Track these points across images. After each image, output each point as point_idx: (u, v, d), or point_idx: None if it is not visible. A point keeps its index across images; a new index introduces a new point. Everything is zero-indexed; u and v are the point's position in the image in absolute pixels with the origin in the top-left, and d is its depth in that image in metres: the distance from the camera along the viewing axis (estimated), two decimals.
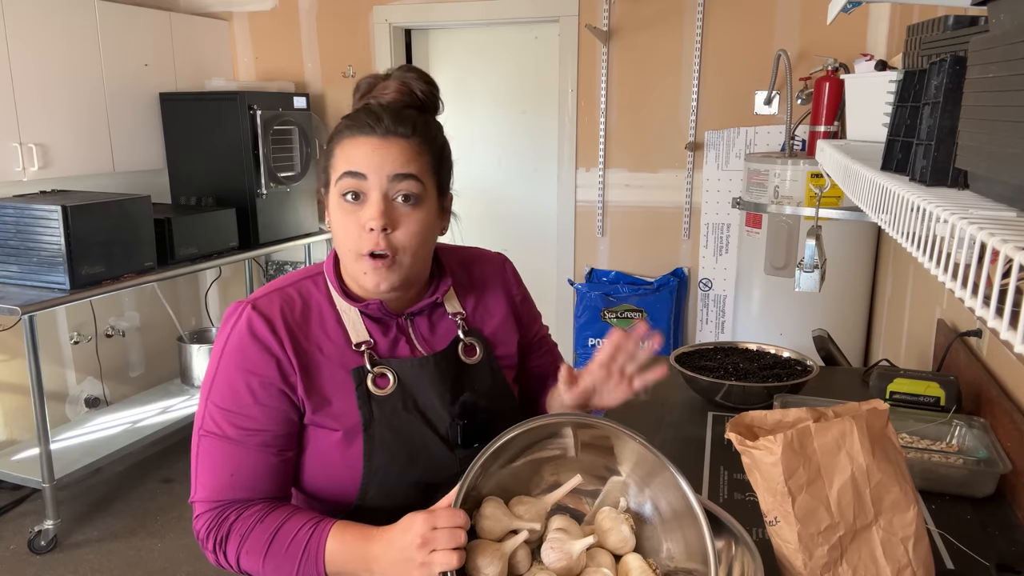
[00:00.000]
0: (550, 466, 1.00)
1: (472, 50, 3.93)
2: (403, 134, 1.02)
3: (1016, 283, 0.48)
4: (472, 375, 1.13)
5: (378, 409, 1.04)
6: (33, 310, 2.75)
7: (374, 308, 1.07)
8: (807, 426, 0.92)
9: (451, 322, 1.14)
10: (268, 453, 1.02)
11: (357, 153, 1.01)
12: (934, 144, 0.79)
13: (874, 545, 0.91)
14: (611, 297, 3.51)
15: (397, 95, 1.08)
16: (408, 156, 1.02)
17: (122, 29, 3.52)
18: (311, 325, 1.05)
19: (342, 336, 1.06)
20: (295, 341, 1.03)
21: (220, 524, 1.01)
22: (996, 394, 1.41)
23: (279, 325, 1.03)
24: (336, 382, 1.04)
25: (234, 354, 1.02)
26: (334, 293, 1.09)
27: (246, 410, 1.01)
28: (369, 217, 0.99)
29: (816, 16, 3.19)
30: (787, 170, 2.71)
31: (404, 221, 1.02)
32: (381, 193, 1.00)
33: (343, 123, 1.05)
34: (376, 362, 1.06)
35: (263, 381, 1.01)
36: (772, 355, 1.81)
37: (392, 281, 1.03)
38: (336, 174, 1.03)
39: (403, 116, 1.03)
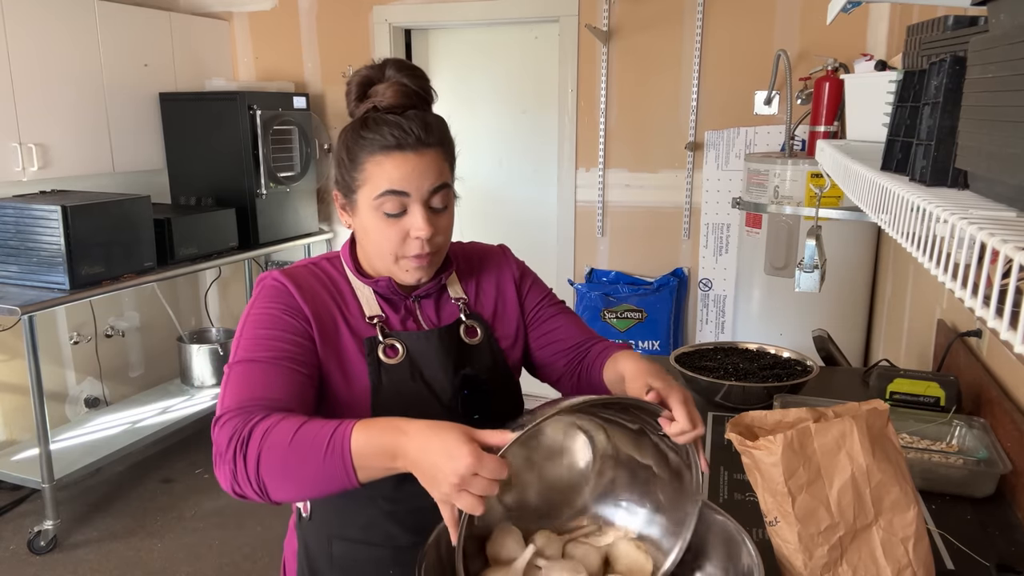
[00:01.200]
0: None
1: (472, 50, 3.93)
2: (432, 144, 1.09)
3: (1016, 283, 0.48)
4: (473, 354, 1.19)
5: (387, 377, 1.11)
6: (33, 310, 2.75)
7: (383, 285, 1.15)
8: (807, 426, 0.92)
9: (454, 306, 1.22)
10: (297, 372, 1.06)
11: (397, 172, 1.06)
12: (934, 144, 0.79)
13: (874, 545, 0.91)
14: (611, 297, 3.51)
15: (398, 97, 1.10)
16: (439, 166, 1.10)
17: (122, 29, 3.52)
18: (330, 294, 1.14)
19: (358, 309, 1.15)
20: (316, 303, 1.11)
21: (244, 425, 0.97)
22: (996, 394, 1.41)
23: (304, 286, 1.12)
24: (350, 348, 1.12)
25: (264, 298, 1.11)
26: (349, 272, 1.17)
27: (276, 334, 1.07)
28: (417, 228, 1.08)
29: (816, 16, 3.19)
30: (787, 170, 2.71)
31: (440, 225, 1.11)
32: (422, 205, 1.08)
33: (367, 136, 1.07)
34: (387, 334, 1.13)
35: (291, 312, 1.09)
36: (772, 355, 1.81)
37: (429, 274, 1.15)
38: (373, 190, 1.07)
39: (428, 125, 1.09)
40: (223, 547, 2.89)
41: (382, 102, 1.10)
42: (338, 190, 1.15)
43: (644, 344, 3.52)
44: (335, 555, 1.18)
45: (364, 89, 1.12)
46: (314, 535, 1.20)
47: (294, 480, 0.93)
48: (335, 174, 1.15)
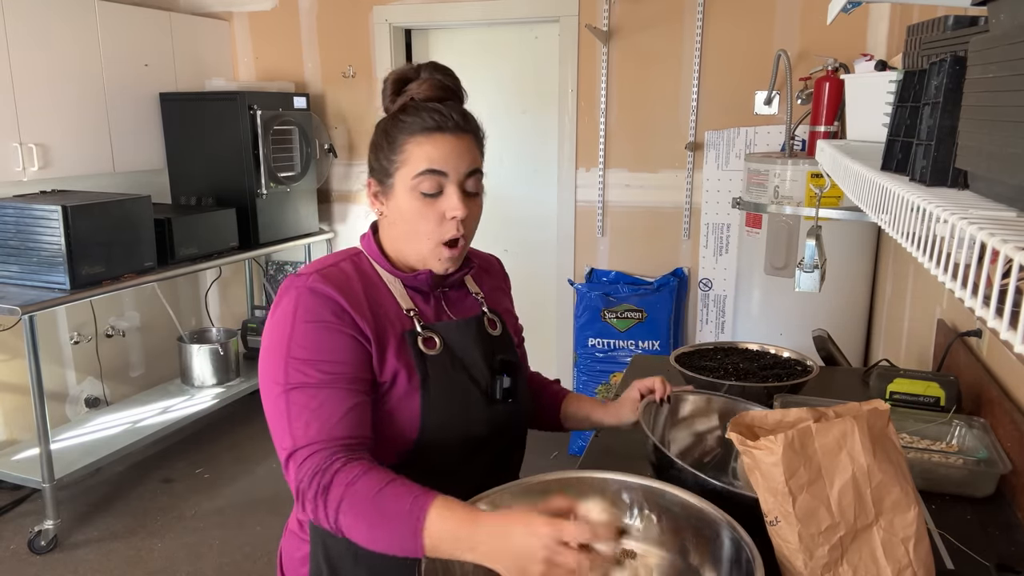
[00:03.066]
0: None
1: (472, 50, 3.93)
2: (469, 130, 1.14)
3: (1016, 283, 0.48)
4: (496, 344, 1.23)
5: (431, 368, 1.13)
6: (33, 310, 2.75)
7: (423, 279, 1.17)
8: (808, 426, 0.92)
9: (474, 300, 1.26)
10: (357, 393, 1.06)
11: (437, 152, 1.10)
12: (934, 144, 0.79)
13: (875, 545, 0.91)
14: (611, 297, 3.51)
15: (435, 91, 1.15)
16: (474, 152, 1.15)
17: (122, 29, 3.52)
18: (369, 291, 1.14)
19: (393, 303, 1.15)
20: (361, 304, 1.10)
21: (327, 469, 1.00)
22: (996, 394, 1.41)
23: (345, 289, 1.10)
24: (395, 342, 1.12)
25: (309, 310, 1.07)
26: (379, 267, 1.18)
27: (331, 355, 1.06)
28: (452, 208, 1.10)
29: (816, 16, 3.19)
30: (787, 170, 2.71)
31: (472, 209, 1.14)
32: (458, 187, 1.11)
33: (407, 119, 1.11)
34: (424, 325, 1.15)
35: (341, 329, 1.07)
36: (772, 355, 1.81)
37: (457, 264, 1.17)
38: (412, 170, 1.10)
39: (465, 113, 1.14)
40: (223, 547, 2.89)
41: (419, 94, 1.14)
42: (373, 177, 1.17)
43: (644, 344, 3.52)
44: (360, 552, 1.12)
45: (400, 86, 1.16)
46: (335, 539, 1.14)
47: (367, 536, 0.97)
48: (371, 162, 1.18)
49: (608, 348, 3.55)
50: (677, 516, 1.02)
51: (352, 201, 4.19)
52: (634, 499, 1.05)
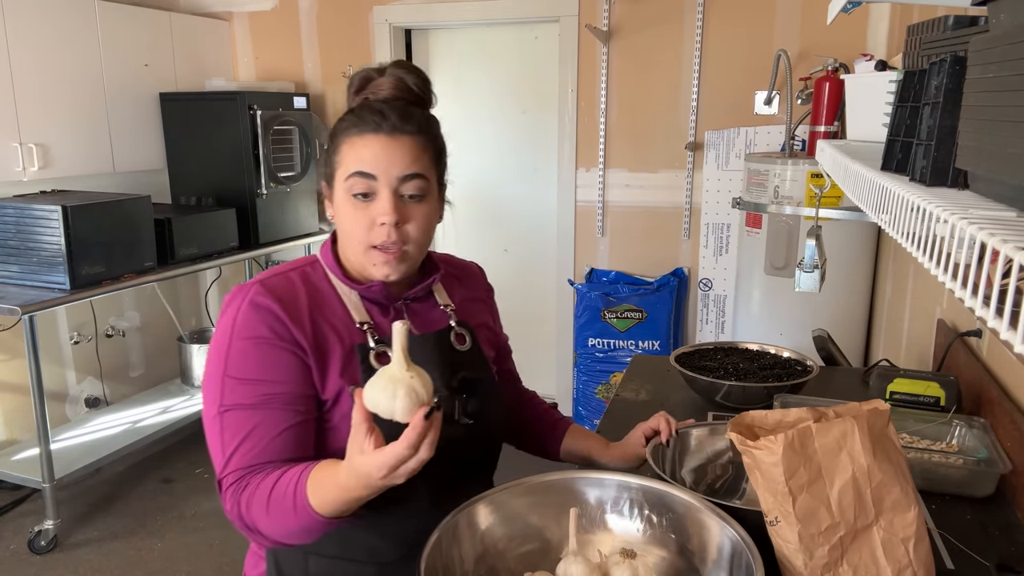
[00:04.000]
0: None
1: (472, 50, 3.93)
2: (410, 131, 1.06)
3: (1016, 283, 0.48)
4: (464, 361, 1.17)
5: None
6: (33, 310, 2.75)
7: (376, 290, 1.11)
8: (808, 426, 0.92)
9: (442, 312, 1.20)
10: (295, 413, 1.03)
11: (366, 152, 1.05)
12: (934, 144, 0.79)
13: (875, 545, 0.91)
14: (611, 297, 3.51)
15: (393, 91, 1.10)
16: (414, 154, 1.06)
17: (122, 29, 3.52)
18: (316, 303, 1.09)
19: (346, 315, 1.10)
20: (303, 316, 1.06)
21: (243, 490, 1.01)
22: (996, 394, 1.41)
23: (287, 300, 1.06)
24: (343, 357, 1.07)
25: (246, 326, 1.04)
26: (333, 277, 1.12)
27: (267, 374, 1.02)
28: (381, 212, 1.05)
29: (816, 16, 3.19)
30: (787, 170, 2.71)
31: (412, 215, 1.07)
32: (391, 191, 1.05)
33: (348, 119, 1.08)
34: (377, 339, 1.09)
35: (279, 344, 1.03)
36: (772, 355, 1.81)
37: (401, 271, 1.09)
38: (345, 172, 1.06)
39: (408, 114, 1.07)
40: (223, 547, 2.89)
41: (377, 94, 1.10)
42: (323, 180, 1.14)
43: (644, 344, 3.52)
44: (311, 570, 1.12)
45: (365, 84, 1.13)
46: (287, 552, 1.12)
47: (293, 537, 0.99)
48: (322, 165, 1.14)
49: (608, 348, 3.56)
50: (677, 516, 1.02)
51: None
52: (634, 499, 1.05)
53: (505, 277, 4.11)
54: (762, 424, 1.01)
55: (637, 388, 1.84)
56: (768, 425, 1.01)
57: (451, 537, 0.95)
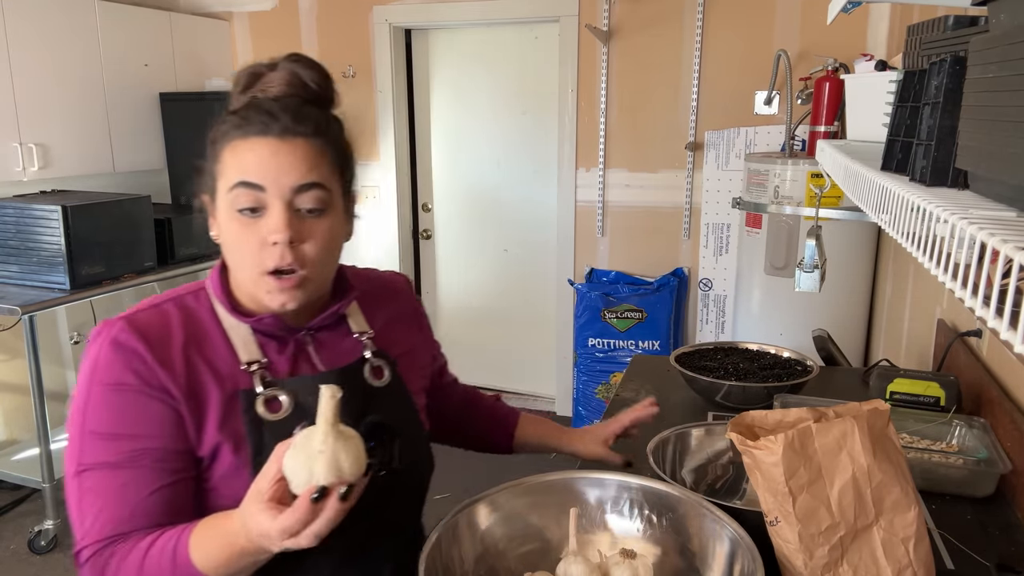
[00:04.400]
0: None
1: (472, 50, 3.93)
2: (304, 134, 0.91)
3: (1016, 283, 0.48)
4: (379, 399, 1.01)
5: (270, 436, 0.91)
6: (33, 310, 2.75)
7: (269, 323, 0.95)
8: (808, 426, 0.92)
9: (356, 341, 1.04)
10: (166, 472, 0.89)
11: (251, 159, 0.89)
12: (934, 144, 0.79)
13: (875, 545, 0.91)
14: (611, 297, 3.51)
15: (286, 87, 0.95)
16: (311, 161, 0.91)
17: (122, 29, 3.52)
18: (193, 341, 0.93)
19: (230, 355, 0.94)
20: (174, 357, 0.91)
21: (108, 563, 0.86)
22: (996, 394, 1.41)
23: (155, 339, 0.91)
24: (222, 406, 0.92)
25: (107, 371, 0.89)
26: (219, 308, 0.96)
27: (132, 427, 0.88)
28: (272, 230, 0.89)
29: (816, 16, 3.19)
30: (787, 170, 2.71)
31: (311, 232, 0.92)
32: (283, 204, 0.89)
33: (230, 121, 0.92)
34: (268, 383, 0.94)
35: (145, 392, 0.89)
36: (772, 355, 1.81)
37: (300, 299, 0.93)
38: (227, 183, 0.90)
39: (303, 113, 0.92)
40: None
41: (267, 91, 0.94)
42: (202, 191, 0.97)
43: (644, 344, 3.52)
44: None
45: (253, 80, 0.97)
46: None
47: None
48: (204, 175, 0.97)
49: (608, 348, 3.55)
50: (677, 516, 1.02)
51: None
52: (634, 499, 1.05)
53: (505, 277, 4.11)
54: (762, 424, 1.01)
55: (637, 388, 1.84)
56: (768, 425, 1.01)
57: (451, 537, 0.95)
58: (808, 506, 0.90)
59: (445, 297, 4.30)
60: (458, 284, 4.25)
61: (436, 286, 4.30)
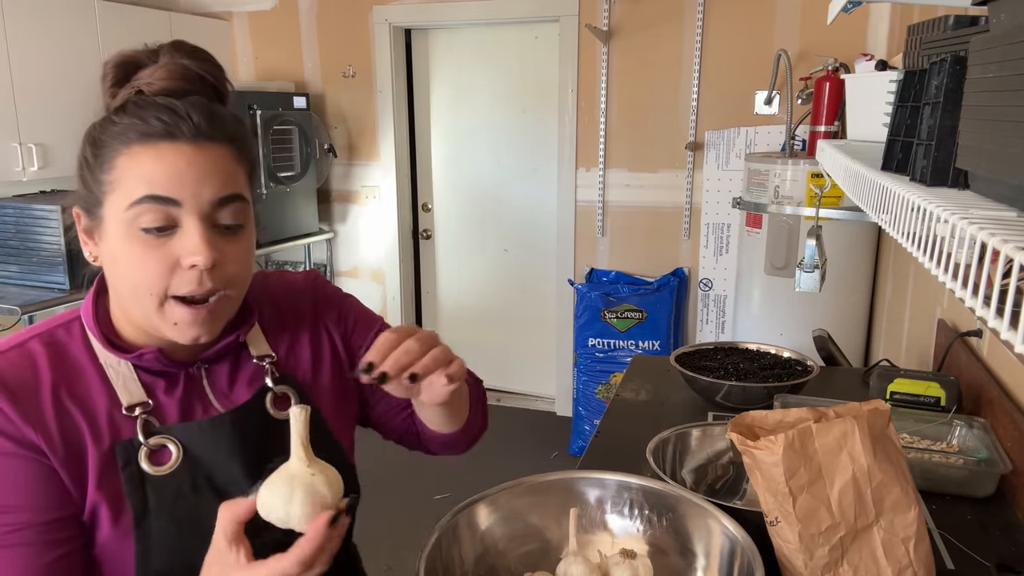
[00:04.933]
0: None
1: (472, 50, 3.93)
2: (219, 139, 0.79)
3: (1016, 283, 0.48)
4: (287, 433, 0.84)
5: (155, 495, 0.79)
6: (33, 310, 2.75)
7: (150, 358, 0.81)
8: (808, 426, 0.92)
9: (257, 368, 0.89)
10: (48, 547, 0.75)
11: (161, 169, 0.75)
12: (934, 144, 0.78)
13: (875, 545, 0.91)
14: (611, 297, 3.51)
15: (173, 80, 0.80)
16: (230, 170, 0.79)
17: (122, 29, 3.52)
18: (64, 384, 0.79)
19: (106, 398, 0.80)
20: (42, 406, 0.77)
21: None
22: (996, 394, 1.41)
23: (18, 386, 0.76)
24: (100, 460, 0.78)
25: None
26: (95, 343, 0.82)
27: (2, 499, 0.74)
28: (190, 251, 0.76)
29: (816, 16, 3.19)
30: (787, 170, 2.71)
31: (231, 251, 0.79)
32: (202, 219, 0.77)
33: (123, 121, 0.78)
34: (152, 431, 0.80)
35: (12, 455, 0.75)
36: (772, 355, 1.81)
37: (215, 330, 0.81)
38: (126, 197, 0.76)
39: (216, 114, 0.80)
40: None
41: (151, 85, 0.79)
42: (79, 207, 0.84)
43: (644, 344, 3.52)
44: None
45: (126, 73, 0.81)
46: None
47: None
48: (77, 184, 0.85)
49: (608, 348, 3.55)
50: (677, 516, 1.01)
51: (352, 201, 4.19)
52: (634, 499, 1.05)
53: (505, 277, 4.11)
54: (762, 424, 1.01)
55: (637, 388, 1.83)
56: (768, 425, 1.01)
57: (451, 537, 0.95)
58: (808, 506, 0.90)
59: (445, 297, 4.30)
60: (458, 284, 4.25)
61: (436, 286, 4.30)
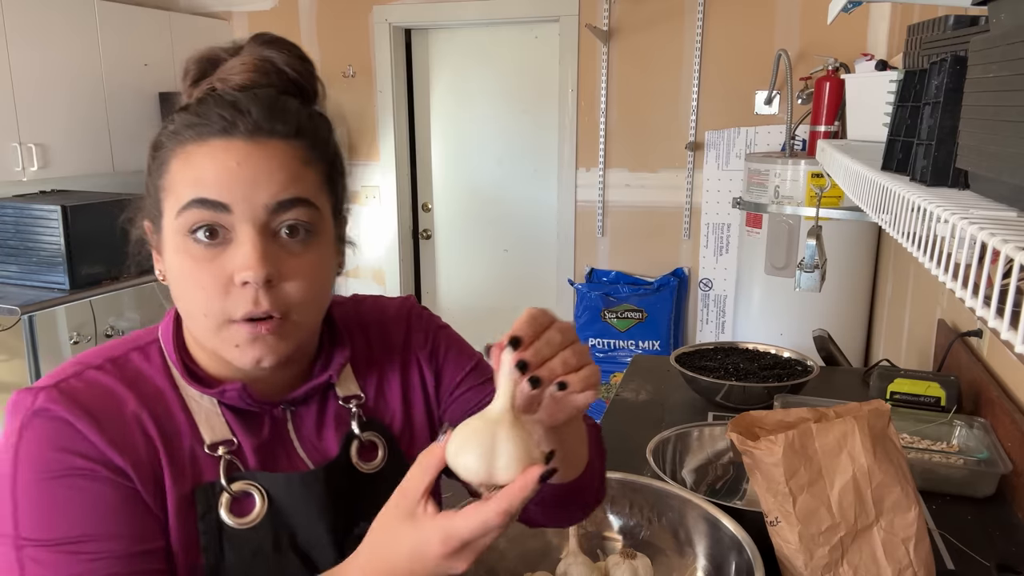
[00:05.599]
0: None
1: (472, 50, 3.93)
2: (283, 134, 0.68)
3: (1016, 283, 0.48)
4: (372, 490, 0.76)
5: (233, 550, 0.70)
6: (33, 310, 2.75)
7: (233, 395, 0.72)
8: (808, 426, 0.92)
9: (342, 410, 0.79)
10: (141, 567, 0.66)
11: (209, 168, 0.66)
12: (935, 144, 0.78)
13: (875, 546, 0.91)
14: (611, 297, 3.51)
15: (253, 75, 0.71)
16: (293, 169, 0.68)
17: (122, 29, 3.52)
18: (147, 413, 0.70)
19: (189, 432, 0.71)
20: (127, 434, 0.68)
21: None
22: (996, 394, 1.41)
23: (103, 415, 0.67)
24: (181, 503, 0.69)
25: (40, 458, 0.65)
26: (176, 374, 0.73)
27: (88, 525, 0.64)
28: (241, 266, 0.65)
29: (816, 16, 3.19)
30: (787, 170, 2.71)
31: (294, 266, 0.68)
32: (256, 228, 0.66)
33: (180, 119, 0.69)
34: (236, 475, 0.71)
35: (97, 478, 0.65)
36: (772, 355, 1.81)
37: (281, 353, 0.69)
38: (176, 202, 0.67)
39: (280, 106, 0.70)
40: None
41: (227, 81, 0.71)
42: (148, 220, 0.74)
43: (644, 344, 3.52)
44: None
45: (210, 68, 0.74)
46: None
47: None
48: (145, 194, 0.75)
49: (608, 348, 3.55)
50: (677, 516, 1.01)
51: (352, 201, 4.15)
52: (634, 499, 1.05)
53: (505, 277, 4.11)
54: (762, 424, 1.01)
55: (637, 388, 1.83)
56: (768, 425, 1.00)
57: None
58: (808, 506, 0.90)
59: (445, 297, 4.30)
60: (458, 284, 4.25)
61: (436, 286, 4.30)
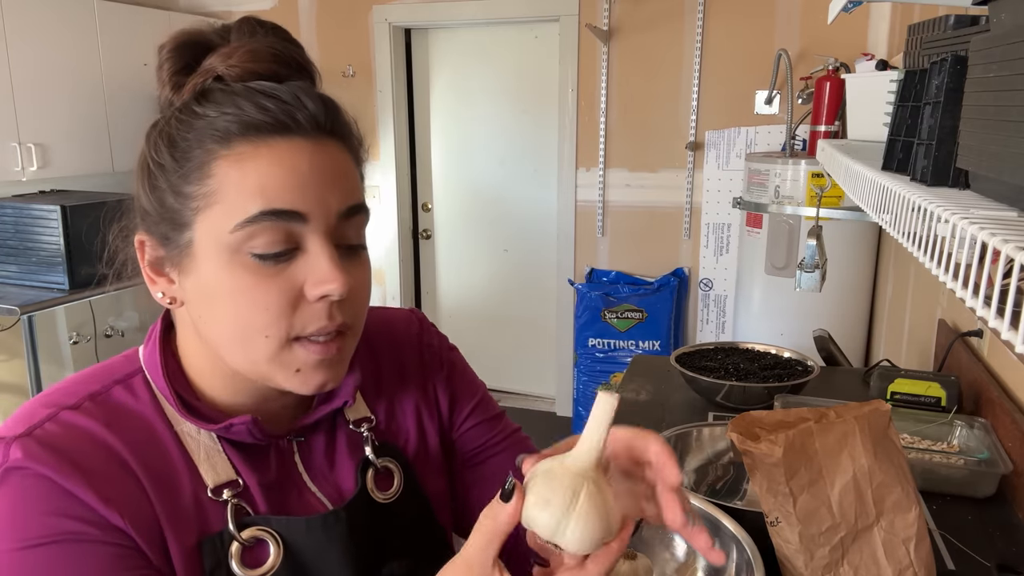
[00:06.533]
0: None
1: (472, 50, 3.93)
2: (339, 134, 0.62)
3: (1017, 283, 0.48)
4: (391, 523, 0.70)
5: None
6: (32, 310, 2.75)
7: (241, 430, 0.63)
8: (809, 426, 0.92)
9: (354, 435, 0.71)
10: None
11: (279, 174, 0.57)
12: (935, 144, 0.78)
13: (875, 546, 0.90)
14: (611, 297, 3.51)
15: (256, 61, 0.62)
16: (350, 171, 0.63)
17: (122, 29, 3.52)
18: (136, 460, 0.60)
19: (190, 476, 0.62)
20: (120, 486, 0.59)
21: None
22: (997, 394, 1.40)
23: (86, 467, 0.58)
24: (185, 559, 0.61)
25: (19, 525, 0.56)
26: (168, 408, 0.64)
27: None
28: (320, 279, 0.59)
29: (816, 16, 3.19)
30: (788, 170, 2.71)
31: (356, 277, 0.62)
32: (329, 237, 0.60)
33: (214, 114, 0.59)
34: (246, 520, 0.62)
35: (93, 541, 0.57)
36: (773, 355, 1.81)
37: (341, 375, 0.64)
38: (233, 215, 0.57)
39: (328, 102, 0.62)
40: None
41: (232, 69, 0.61)
42: (148, 232, 0.64)
43: (644, 344, 3.52)
44: None
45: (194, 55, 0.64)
46: None
47: None
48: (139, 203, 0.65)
49: (608, 348, 3.55)
50: None
51: None
52: None
53: (505, 277, 4.11)
54: (763, 424, 1.01)
55: (637, 388, 1.83)
56: (769, 425, 1.00)
57: None
58: (809, 506, 0.90)
59: (445, 297, 4.30)
60: (458, 284, 4.25)
61: (436, 286, 4.30)
